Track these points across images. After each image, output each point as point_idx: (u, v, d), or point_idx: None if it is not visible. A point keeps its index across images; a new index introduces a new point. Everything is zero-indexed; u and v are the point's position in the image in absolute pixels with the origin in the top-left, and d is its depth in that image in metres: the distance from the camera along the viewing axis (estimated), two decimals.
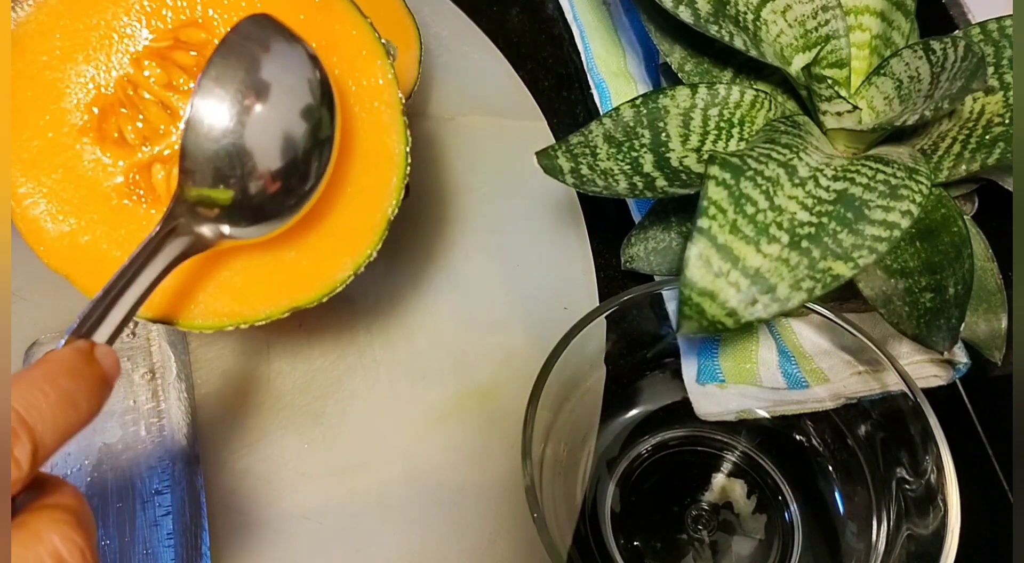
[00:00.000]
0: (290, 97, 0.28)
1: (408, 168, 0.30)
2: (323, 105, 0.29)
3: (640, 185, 0.34)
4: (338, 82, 0.30)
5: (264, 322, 0.30)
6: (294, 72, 0.28)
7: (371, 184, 0.30)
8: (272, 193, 0.29)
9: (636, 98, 0.34)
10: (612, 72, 0.47)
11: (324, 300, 0.30)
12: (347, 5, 0.30)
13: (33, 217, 0.30)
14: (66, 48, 0.30)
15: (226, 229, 0.29)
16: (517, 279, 0.43)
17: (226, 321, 0.30)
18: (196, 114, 0.28)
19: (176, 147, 0.30)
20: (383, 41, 0.30)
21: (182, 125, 0.29)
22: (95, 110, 0.30)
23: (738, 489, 0.38)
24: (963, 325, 0.31)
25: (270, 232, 0.29)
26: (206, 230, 0.29)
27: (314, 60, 0.29)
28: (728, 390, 0.37)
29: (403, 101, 0.30)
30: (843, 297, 0.37)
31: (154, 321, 0.30)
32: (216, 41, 0.29)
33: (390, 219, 0.30)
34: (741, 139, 0.35)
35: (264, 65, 0.28)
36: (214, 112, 0.28)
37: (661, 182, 0.34)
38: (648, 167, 0.34)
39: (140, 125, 0.31)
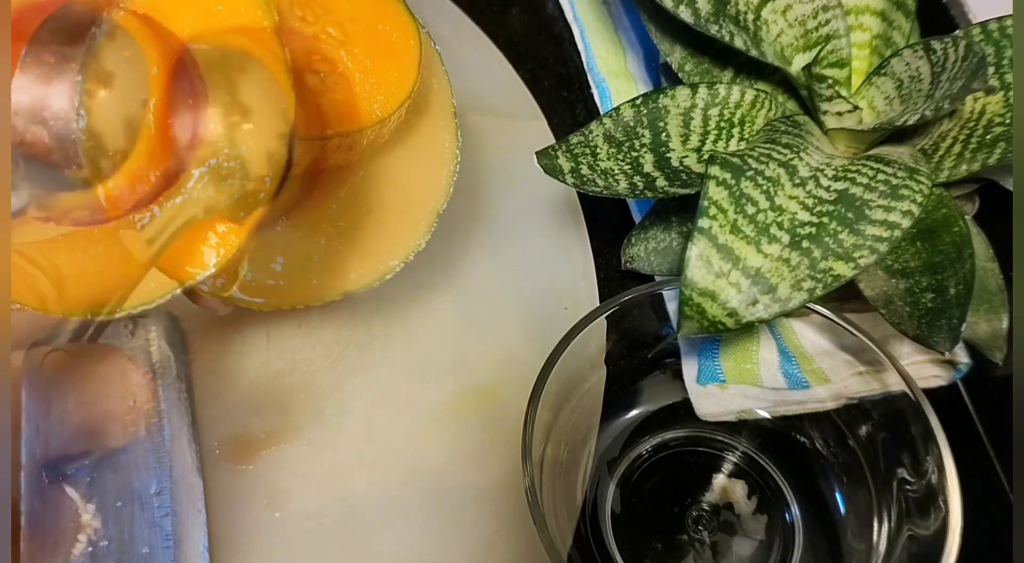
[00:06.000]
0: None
1: (457, 165, 0.32)
2: None
3: (640, 185, 0.34)
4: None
5: (318, 304, 0.32)
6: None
7: (423, 179, 0.32)
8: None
9: (636, 98, 0.34)
10: (612, 72, 0.47)
11: (375, 285, 0.32)
12: (409, 20, 0.33)
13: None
14: None
15: None
16: (517, 279, 0.43)
17: (285, 302, 0.32)
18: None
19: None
20: (436, 47, 0.32)
21: None
22: None
23: (739, 490, 0.37)
24: (964, 325, 0.30)
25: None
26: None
27: None
28: (729, 390, 0.37)
29: (455, 104, 0.32)
30: (844, 297, 0.37)
31: (225, 301, 0.31)
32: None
33: (439, 213, 0.32)
34: (741, 139, 0.35)
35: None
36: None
37: (661, 182, 0.34)
38: (648, 167, 0.34)
39: None
